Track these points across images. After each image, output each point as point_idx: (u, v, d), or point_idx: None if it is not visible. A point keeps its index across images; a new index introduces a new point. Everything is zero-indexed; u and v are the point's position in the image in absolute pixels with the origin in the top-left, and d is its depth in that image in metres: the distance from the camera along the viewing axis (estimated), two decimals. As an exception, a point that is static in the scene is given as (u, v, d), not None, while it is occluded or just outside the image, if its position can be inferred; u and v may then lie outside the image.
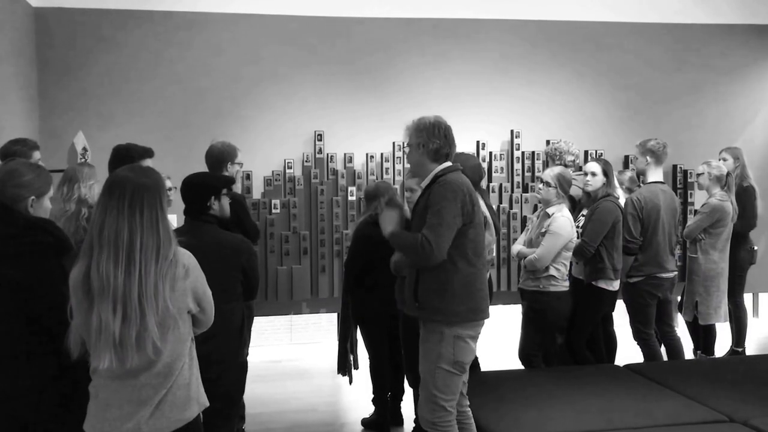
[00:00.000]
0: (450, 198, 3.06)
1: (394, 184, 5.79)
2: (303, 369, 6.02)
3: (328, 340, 6.87)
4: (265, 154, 5.87)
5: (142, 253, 2.14)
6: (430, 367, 3.15)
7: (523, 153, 6.19)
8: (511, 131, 6.21)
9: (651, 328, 4.77)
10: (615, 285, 4.55)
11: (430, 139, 3.18)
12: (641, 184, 5.09)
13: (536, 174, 6.09)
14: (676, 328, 5.05)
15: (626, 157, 6.35)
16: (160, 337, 2.18)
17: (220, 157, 4.22)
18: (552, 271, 4.27)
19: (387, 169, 5.97)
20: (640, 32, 6.52)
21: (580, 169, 5.07)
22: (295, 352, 6.62)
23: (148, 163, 3.82)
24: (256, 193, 5.83)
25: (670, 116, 6.54)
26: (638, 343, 4.85)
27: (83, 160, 5.02)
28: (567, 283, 4.34)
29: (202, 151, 4.33)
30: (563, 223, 4.28)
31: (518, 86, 6.32)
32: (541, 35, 6.37)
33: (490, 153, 6.16)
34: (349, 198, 5.88)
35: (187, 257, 2.31)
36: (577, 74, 6.44)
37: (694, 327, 5.36)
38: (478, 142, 6.14)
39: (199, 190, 3.18)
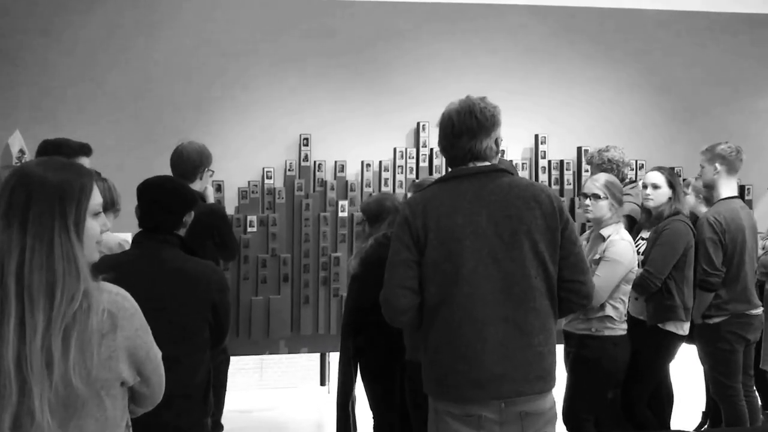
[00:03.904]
0: (397, 228, 2.51)
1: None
2: (280, 423, 5.43)
3: (306, 383, 6.35)
4: (241, 162, 5.35)
5: (24, 291, 1.52)
6: None
7: (549, 162, 5.68)
8: (536, 136, 5.72)
9: (737, 381, 4.10)
10: (685, 328, 3.93)
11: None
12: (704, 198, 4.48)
13: (565, 186, 5.64)
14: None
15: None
16: (61, 425, 1.56)
17: (197, 161, 3.97)
18: (608, 310, 3.60)
19: (386, 179, 5.47)
20: (694, 22, 6.07)
21: (633, 181, 4.47)
22: (268, 399, 6.07)
23: (84, 161, 3.44)
24: (229, 207, 5.27)
25: (728, 122, 6.00)
26: (719, 402, 4.20)
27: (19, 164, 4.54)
28: (625, 325, 3.69)
29: (165, 157, 4.07)
30: (623, 248, 3.63)
31: (544, 84, 5.82)
32: (573, 24, 5.91)
33: (511, 161, 5.57)
34: (340, 214, 5.39)
35: (114, 301, 1.66)
36: (616, 70, 5.97)
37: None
38: (496, 148, 5.60)
39: (182, 199, 2.76)
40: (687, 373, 5.38)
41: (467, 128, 2.46)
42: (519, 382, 2.34)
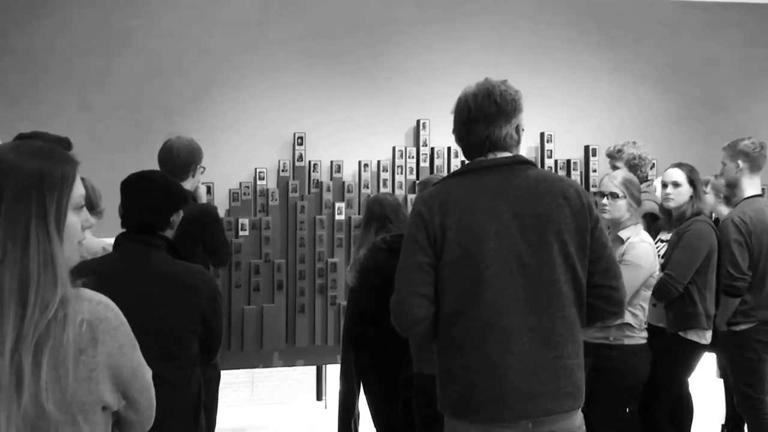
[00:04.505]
0: (410, 227, 2.28)
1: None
2: (276, 441, 5.27)
3: (301, 397, 6.23)
4: (231, 162, 5.24)
5: None
6: None
7: (556, 162, 5.59)
8: (541, 134, 5.62)
9: (763, 392, 3.93)
10: (708, 336, 3.76)
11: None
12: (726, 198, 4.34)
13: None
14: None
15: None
16: None
17: (189, 158, 3.76)
18: (627, 317, 3.41)
19: (385, 180, 5.36)
20: (705, 17, 6.01)
21: (647, 179, 4.31)
22: (261, 415, 5.96)
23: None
24: (220, 210, 5.06)
25: (740, 119, 5.92)
26: (743, 414, 4.03)
27: None
28: (645, 334, 3.52)
29: (152, 156, 3.87)
30: (644, 251, 3.46)
31: (551, 79, 5.74)
32: (578, 19, 5.83)
33: (518, 159, 5.51)
34: (337, 217, 5.27)
35: (95, 311, 1.45)
36: (623, 66, 5.88)
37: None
38: (500, 147, 5.50)
39: (171, 196, 2.57)
40: (704, 383, 5.25)
41: (484, 114, 2.26)
42: (548, 399, 2.14)
